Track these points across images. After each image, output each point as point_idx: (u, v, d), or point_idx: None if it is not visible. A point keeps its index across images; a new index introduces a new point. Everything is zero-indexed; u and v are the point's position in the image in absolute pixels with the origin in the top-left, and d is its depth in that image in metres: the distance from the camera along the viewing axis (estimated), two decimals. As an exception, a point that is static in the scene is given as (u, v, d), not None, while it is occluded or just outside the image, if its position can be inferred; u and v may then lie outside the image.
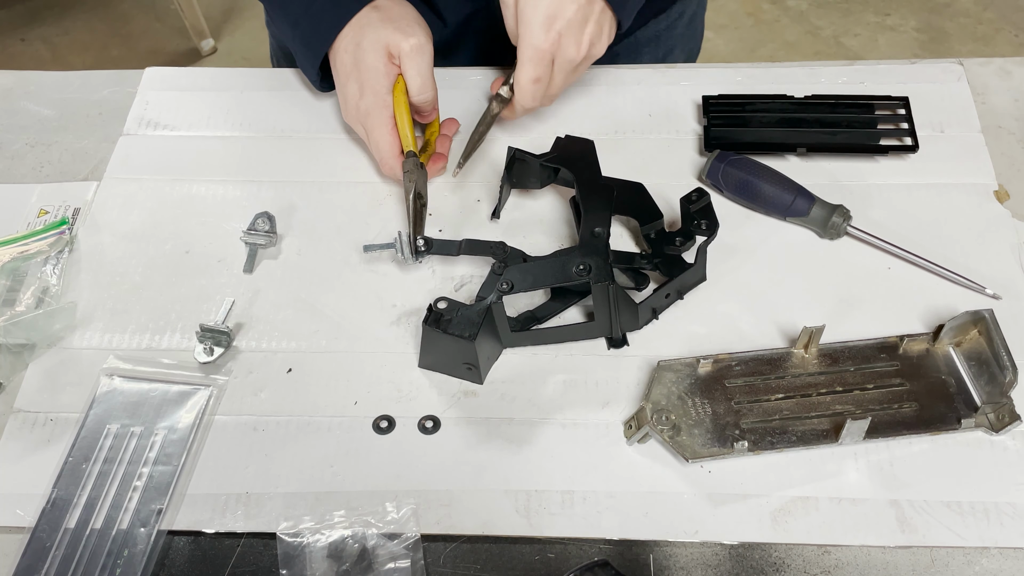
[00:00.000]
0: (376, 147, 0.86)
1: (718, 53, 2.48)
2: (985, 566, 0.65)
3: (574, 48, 0.81)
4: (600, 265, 0.74)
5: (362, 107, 0.85)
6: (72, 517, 0.69)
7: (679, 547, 0.67)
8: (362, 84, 0.85)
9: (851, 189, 0.86)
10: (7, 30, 2.55)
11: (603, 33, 0.82)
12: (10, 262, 0.81)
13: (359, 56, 0.84)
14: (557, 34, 0.80)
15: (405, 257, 0.80)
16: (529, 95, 0.83)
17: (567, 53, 0.81)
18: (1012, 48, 2.45)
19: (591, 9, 0.80)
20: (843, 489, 0.69)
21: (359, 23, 0.85)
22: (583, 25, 0.80)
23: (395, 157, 0.85)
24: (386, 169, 0.86)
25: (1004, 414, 0.70)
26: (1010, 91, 0.94)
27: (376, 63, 0.84)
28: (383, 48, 0.84)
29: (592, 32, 0.81)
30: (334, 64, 0.88)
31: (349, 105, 0.87)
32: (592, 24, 0.81)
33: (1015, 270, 0.80)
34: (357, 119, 0.87)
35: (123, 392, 0.75)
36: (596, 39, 0.82)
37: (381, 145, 0.85)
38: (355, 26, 0.85)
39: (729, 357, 0.74)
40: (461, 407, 0.74)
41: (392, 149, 0.85)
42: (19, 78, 1.01)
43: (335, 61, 0.87)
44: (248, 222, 0.84)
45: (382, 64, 0.84)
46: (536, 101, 0.84)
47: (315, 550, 0.66)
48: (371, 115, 0.85)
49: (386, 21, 0.85)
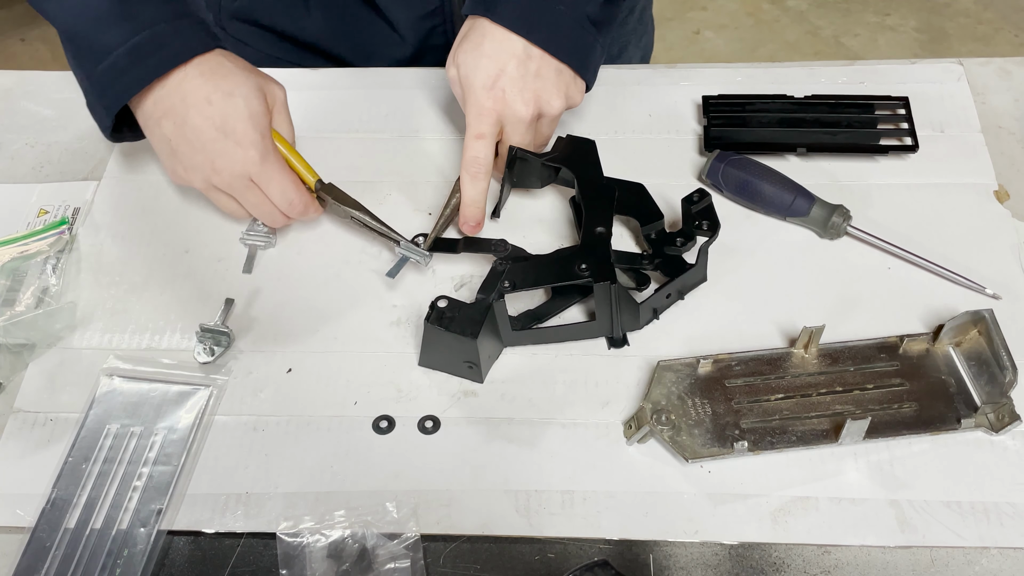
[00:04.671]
0: (282, 191, 0.78)
1: (718, 53, 2.48)
2: (985, 566, 0.65)
3: (522, 106, 0.80)
4: (602, 265, 0.74)
5: (252, 157, 0.75)
6: (72, 517, 0.69)
7: (679, 547, 0.67)
8: (245, 134, 0.75)
9: (851, 189, 0.86)
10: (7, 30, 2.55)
11: (554, 87, 0.80)
12: (10, 262, 0.81)
13: (234, 105, 0.75)
14: (501, 91, 0.79)
15: (422, 260, 0.80)
16: (472, 150, 0.81)
17: (516, 111, 0.80)
18: (1012, 48, 2.45)
19: (532, 65, 0.79)
20: (843, 489, 0.69)
21: (212, 73, 0.76)
22: (526, 80, 0.79)
23: (306, 193, 0.80)
24: (298, 209, 0.79)
25: (1004, 414, 0.70)
26: (1010, 91, 0.94)
27: (261, 108, 0.77)
28: (262, 94, 0.78)
29: (538, 87, 0.80)
30: (181, 123, 0.75)
31: (226, 163, 0.76)
32: (535, 79, 0.80)
33: (1015, 270, 0.80)
34: (242, 174, 0.76)
35: (123, 392, 0.75)
36: (545, 93, 0.80)
37: (287, 186, 0.78)
38: (209, 76, 0.76)
39: (729, 357, 0.74)
40: (461, 407, 0.74)
41: (301, 186, 0.80)
42: (19, 78, 1.01)
43: (184, 119, 0.75)
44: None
45: (265, 109, 0.78)
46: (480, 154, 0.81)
47: (315, 550, 0.66)
48: (267, 161, 0.76)
49: (247, 69, 0.79)
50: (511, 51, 0.79)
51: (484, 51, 0.80)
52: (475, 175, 0.81)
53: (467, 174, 0.81)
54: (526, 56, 0.79)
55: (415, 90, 0.97)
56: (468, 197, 0.81)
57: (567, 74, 0.81)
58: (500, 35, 0.80)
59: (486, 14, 0.80)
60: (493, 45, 0.80)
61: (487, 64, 0.80)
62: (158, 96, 0.76)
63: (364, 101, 0.96)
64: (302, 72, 0.99)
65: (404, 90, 0.97)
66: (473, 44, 0.81)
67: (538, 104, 0.80)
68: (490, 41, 0.80)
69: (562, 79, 0.81)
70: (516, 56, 0.79)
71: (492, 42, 0.80)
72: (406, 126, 0.94)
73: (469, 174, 0.81)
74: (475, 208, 0.82)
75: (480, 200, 0.82)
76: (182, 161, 0.77)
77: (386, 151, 0.91)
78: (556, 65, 0.81)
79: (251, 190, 0.78)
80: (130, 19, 0.75)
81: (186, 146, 0.76)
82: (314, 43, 1.03)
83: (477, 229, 0.83)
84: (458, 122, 0.94)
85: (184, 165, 0.77)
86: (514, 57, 0.79)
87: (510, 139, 0.82)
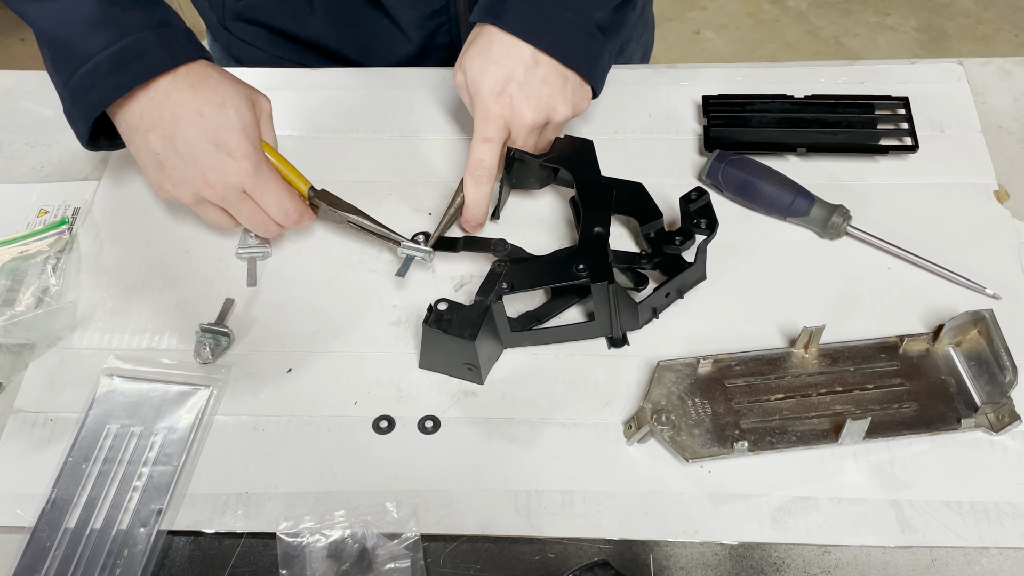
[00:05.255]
0: (278, 201, 0.77)
1: (718, 53, 2.49)
2: (985, 566, 0.65)
3: (529, 112, 0.80)
4: (600, 265, 0.74)
5: (245, 168, 0.75)
6: (72, 517, 0.69)
7: (679, 547, 0.67)
8: (237, 146, 0.74)
9: (851, 189, 0.86)
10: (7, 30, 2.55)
11: (561, 94, 0.81)
12: (10, 262, 0.81)
13: (226, 116, 0.74)
14: (509, 98, 0.80)
15: (427, 258, 0.80)
16: (477, 153, 0.80)
17: (523, 117, 0.80)
18: (1012, 48, 2.45)
19: (540, 72, 0.80)
20: (843, 489, 0.69)
21: (202, 83, 0.75)
22: (534, 87, 0.80)
23: (301, 201, 0.80)
24: (293, 218, 0.79)
25: (1004, 414, 0.70)
26: (1010, 91, 0.94)
27: (252, 119, 0.77)
28: (252, 105, 0.78)
29: (546, 94, 0.80)
30: (171, 137, 0.74)
31: (219, 175, 0.75)
32: (542, 86, 0.80)
33: (1015, 270, 0.80)
34: (236, 186, 0.75)
35: (123, 392, 0.75)
36: (553, 100, 0.80)
37: (283, 196, 0.77)
38: (199, 87, 0.75)
39: (729, 357, 0.74)
40: (461, 407, 0.74)
41: (295, 194, 0.79)
42: (19, 78, 1.01)
43: (175, 132, 0.74)
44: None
45: (256, 120, 0.78)
46: (485, 158, 0.81)
47: (315, 550, 0.66)
48: (260, 171, 0.76)
49: (234, 79, 0.78)
50: (519, 57, 0.79)
51: (492, 57, 0.80)
52: (479, 179, 0.81)
53: (471, 177, 0.81)
54: (534, 63, 0.80)
55: (416, 90, 0.97)
56: (471, 200, 0.82)
57: (574, 80, 0.82)
58: (508, 41, 0.80)
59: (494, 22, 0.80)
60: (501, 51, 0.80)
61: (495, 70, 0.80)
62: (144, 108, 0.74)
63: (365, 101, 0.96)
64: (302, 72, 0.99)
65: (405, 90, 0.97)
66: (480, 50, 0.81)
67: (546, 111, 0.81)
68: (498, 47, 0.80)
69: (568, 86, 0.81)
70: (524, 62, 0.79)
71: (500, 48, 0.80)
72: (406, 126, 0.94)
73: (473, 177, 0.81)
74: (478, 210, 0.82)
75: (483, 203, 0.82)
76: (170, 176, 0.76)
77: (386, 151, 0.91)
78: (563, 72, 0.81)
79: (244, 202, 0.77)
80: (113, 25, 0.73)
81: (176, 159, 0.75)
82: (318, 42, 1.03)
83: (478, 228, 0.83)
84: (459, 122, 0.94)
85: (173, 180, 0.76)
86: (522, 63, 0.79)
87: (515, 144, 0.82)
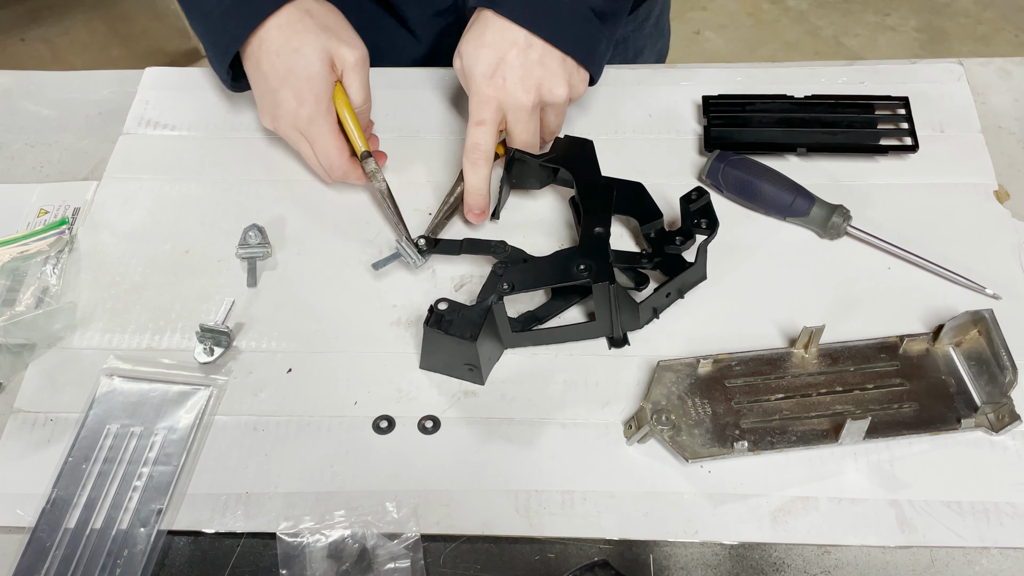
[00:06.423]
0: (324, 153, 0.83)
1: (718, 53, 2.48)
2: (985, 566, 0.65)
3: (522, 93, 0.80)
4: (601, 265, 0.74)
5: (303, 115, 0.82)
6: (72, 517, 0.69)
7: (679, 547, 0.67)
8: (300, 92, 0.81)
9: (851, 189, 0.86)
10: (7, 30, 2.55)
11: (555, 75, 0.81)
12: (10, 262, 0.81)
13: (296, 62, 0.81)
14: (502, 80, 0.80)
15: (414, 261, 0.80)
16: (472, 137, 0.81)
17: (516, 98, 0.80)
18: (1012, 48, 2.45)
19: (533, 54, 0.80)
20: (843, 489, 0.69)
21: (289, 26, 0.82)
22: (527, 68, 0.80)
23: (347, 161, 0.83)
24: (337, 174, 0.84)
25: (1004, 414, 0.70)
26: (1010, 91, 0.94)
27: (321, 71, 0.81)
28: (327, 58, 0.82)
29: (540, 75, 0.80)
30: (257, 66, 0.83)
31: (283, 112, 0.83)
32: (536, 67, 0.80)
33: (1015, 270, 0.80)
34: (294, 126, 0.83)
35: (123, 392, 0.75)
36: (547, 81, 0.80)
37: (330, 151, 0.83)
38: (285, 29, 0.82)
39: (729, 357, 0.74)
40: (461, 407, 0.74)
41: (343, 153, 0.83)
42: (19, 78, 1.01)
43: (259, 63, 0.83)
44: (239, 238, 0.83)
45: (326, 73, 0.82)
46: (480, 141, 0.81)
47: (315, 550, 0.66)
48: (315, 122, 0.82)
49: (325, 29, 0.82)
50: (512, 40, 0.80)
51: (485, 40, 0.80)
52: (475, 162, 0.81)
53: (468, 161, 0.81)
54: (527, 45, 0.80)
55: (417, 90, 0.97)
56: (470, 184, 0.82)
57: (570, 64, 0.82)
58: (502, 25, 0.80)
59: (490, 6, 0.81)
60: (495, 35, 0.80)
61: (488, 53, 0.80)
62: (252, 45, 0.83)
63: (364, 101, 0.96)
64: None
65: (406, 90, 0.97)
66: (475, 34, 0.81)
67: (539, 92, 0.81)
68: (492, 31, 0.80)
69: (565, 68, 0.81)
70: (517, 45, 0.80)
71: (494, 32, 0.80)
72: (407, 126, 0.94)
73: (470, 161, 0.81)
74: (478, 196, 0.82)
75: (483, 188, 0.82)
76: (258, 101, 0.86)
77: (386, 151, 0.91)
78: (559, 55, 0.81)
79: (302, 143, 0.84)
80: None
81: (263, 87, 0.84)
82: None
83: (482, 218, 0.83)
84: (459, 122, 0.94)
85: (259, 105, 0.86)
86: (515, 46, 0.80)
87: (513, 128, 0.82)
